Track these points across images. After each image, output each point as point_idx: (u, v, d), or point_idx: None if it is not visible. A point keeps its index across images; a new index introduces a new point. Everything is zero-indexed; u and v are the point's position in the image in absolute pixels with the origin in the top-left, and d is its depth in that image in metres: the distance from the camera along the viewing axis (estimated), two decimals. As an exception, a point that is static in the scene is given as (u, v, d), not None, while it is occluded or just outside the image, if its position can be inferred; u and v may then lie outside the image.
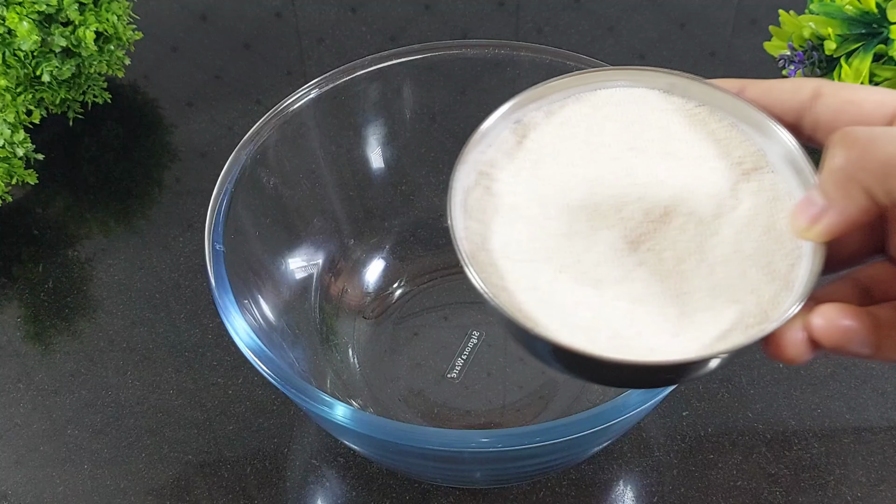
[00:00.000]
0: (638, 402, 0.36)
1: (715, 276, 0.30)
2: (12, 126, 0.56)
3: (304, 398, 0.37)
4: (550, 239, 0.31)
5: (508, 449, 0.36)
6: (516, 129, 0.33)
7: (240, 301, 0.40)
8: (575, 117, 0.33)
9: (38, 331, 0.55)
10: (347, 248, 0.53)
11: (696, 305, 0.29)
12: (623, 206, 0.31)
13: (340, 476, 0.48)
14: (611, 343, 0.29)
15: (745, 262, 0.30)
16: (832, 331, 0.26)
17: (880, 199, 0.26)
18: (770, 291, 0.29)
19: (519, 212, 0.31)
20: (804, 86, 0.29)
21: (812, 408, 0.50)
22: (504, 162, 0.33)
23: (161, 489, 0.48)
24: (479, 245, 0.31)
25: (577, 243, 0.31)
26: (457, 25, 0.73)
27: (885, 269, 0.29)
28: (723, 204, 0.31)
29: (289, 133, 0.48)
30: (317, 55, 0.72)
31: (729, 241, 0.30)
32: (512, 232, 0.31)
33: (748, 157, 0.32)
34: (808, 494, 0.47)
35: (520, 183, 0.32)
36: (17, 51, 0.57)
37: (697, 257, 0.30)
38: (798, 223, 0.29)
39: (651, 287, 0.30)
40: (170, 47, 0.72)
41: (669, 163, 0.32)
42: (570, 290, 0.30)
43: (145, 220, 0.61)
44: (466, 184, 0.32)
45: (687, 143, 0.32)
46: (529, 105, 0.33)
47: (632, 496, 0.47)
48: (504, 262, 0.31)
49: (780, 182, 0.31)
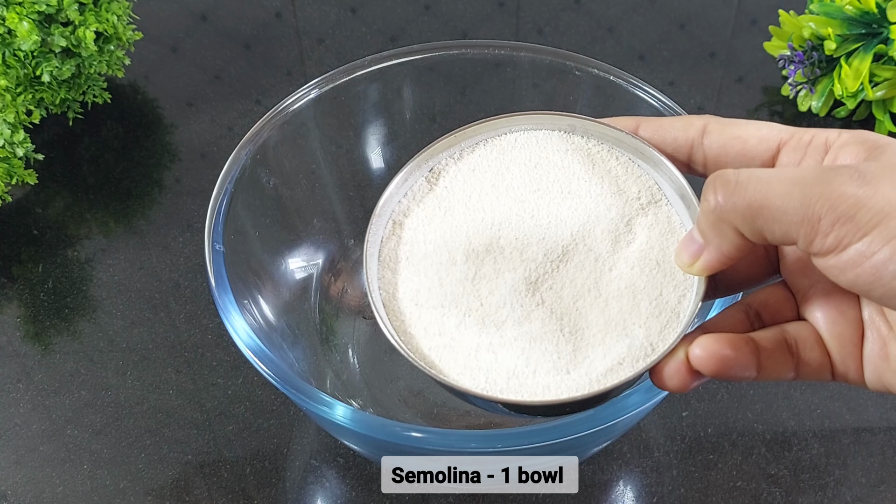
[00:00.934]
0: (637, 403, 0.36)
1: (609, 311, 0.32)
2: (12, 126, 0.56)
3: (304, 398, 0.37)
4: (457, 284, 0.33)
5: (508, 450, 0.36)
6: (429, 177, 0.36)
7: (240, 301, 0.40)
8: (483, 162, 0.35)
9: (38, 331, 0.55)
10: (347, 249, 0.53)
11: (590, 341, 0.32)
12: (526, 247, 0.33)
13: (340, 476, 0.48)
14: (509, 384, 0.31)
15: (637, 295, 0.32)
16: (710, 360, 0.28)
17: (750, 238, 0.27)
18: (659, 324, 0.31)
19: (429, 260, 0.34)
20: (693, 123, 0.31)
21: (812, 408, 0.50)
22: (417, 210, 0.35)
23: (161, 489, 0.48)
24: (392, 294, 0.34)
25: (481, 287, 0.33)
26: (457, 26, 0.73)
27: (775, 293, 0.31)
28: (619, 239, 0.33)
29: (289, 133, 0.48)
30: (317, 55, 0.72)
31: (624, 276, 0.32)
32: (422, 280, 0.34)
33: (644, 191, 0.34)
34: (807, 495, 0.47)
35: (431, 231, 0.34)
36: (17, 51, 0.57)
37: (594, 293, 0.32)
38: (681, 259, 0.31)
39: (549, 325, 0.32)
40: (170, 47, 0.72)
41: (570, 202, 0.34)
42: (475, 333, 0.32)
43: (145, 221, 0.61)
44: (382, 235, 0.35)
45: (587, 181, 0.34)
46: (443, 153, 0.36)
47: (632, 497, 0.47)
48: (414, 310, 0.33)
49: (674, 214, 0.33)
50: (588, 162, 0.34)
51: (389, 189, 0.35)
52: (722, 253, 0.29)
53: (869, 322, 0.29)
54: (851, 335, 0.29)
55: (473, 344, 0.32)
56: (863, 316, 0.29)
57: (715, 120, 0.31)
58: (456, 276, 0.33)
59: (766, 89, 0.68)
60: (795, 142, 0.30)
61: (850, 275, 0.26)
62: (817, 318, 0.30)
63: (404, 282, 0.34)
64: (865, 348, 0.29)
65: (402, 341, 0.33)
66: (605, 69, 0.47)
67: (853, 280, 0.26)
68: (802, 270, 0.30)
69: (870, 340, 0.29)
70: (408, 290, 0.34)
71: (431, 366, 0.32)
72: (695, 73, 0.69)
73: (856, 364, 0.29)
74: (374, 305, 0.33)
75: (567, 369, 0.31)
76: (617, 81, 0.47)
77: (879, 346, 0.29)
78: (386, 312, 0.33)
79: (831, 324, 0.29)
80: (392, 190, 0.35)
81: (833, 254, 0.25)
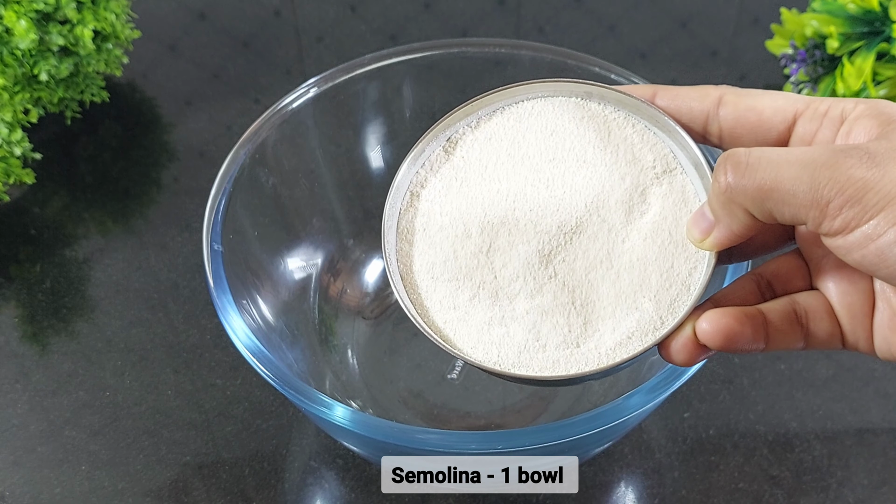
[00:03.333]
0: (638, 404, 0.36)
1: (620, 283, 0.32)
2: (10, 125, 0.56)
3: (303, 399, 0.37)
4: (472, 257, 0.33)
5: (508, 451, 0.36)
6: (446, 147, 0.36)
7: (238, 301, 0.40)
8: (500, 131, 0.35)
9: (36, 331, 0.55)
10: (347, 249, 0.53)
11: (601, 314, 0.32)
12: (540, 219, 0.33)
13: (339, 477, 0.48)
14: (520, 358, 0.32)
15: (648, 267, 0.32)
16: (716, 335, 0.29)
17: (759, 218, 0.28)
18: (669, 297, 0.32)
19: (444, 232, 0.34)
20: (709, 93, 0.31)
21: (814, 409, 0.50)
22: (433, 181, 0.35)
23: (159, 490, 0.47)
24: (408, 266, 0.34)
25: (495, 260, 0.33)
26: (457, 24, 0.73)
27: (787, 263, 0.31)
28: (633, 210, 0.33)
29: (288, 132, 0.48)
30: (316, 54, 0.72)
31: (636, 248, 0.32)
32: (437, 252, 0.34)
33: (660, 160, 0.33)
34: (809, 497, 0.46)
35: (447, 202, 0.35)
36: (14, 50, 0.57)
37: (606, 265, 0.32)
38: (692, 235, 0.31)
39: (560, 298, 0.32)
40: (168, 46, 0.72)
41: (585, 171, 0.34)
42: (487, 306, 0.33)
43: (143, 220, 0.61)
44: (400, 207, 0.35)
45: (602, 149, 0.34)
46: (460, 122, 0.36)
47: (632, 498, 0.47)
48: (430, 283, 0.34)
49: (688, 184, 0.33)
50: (604, 130, 0.34)
51: (407, 160, 0.35)
52: (732, 231, 0.29)
53: (880, 293, 0.29)
54: (862, 305, 0.29)
55: (486, 318, 0.33)
56: (874, 287, 0.29)
57: (731, 91, 0.31)
58: (470, 248, 0.33)
59: (769, 88, 0.68)
60: (811, 112, 0.29)
61: (856, 255, 0.26)
62: (829, 287, 0.30)
63: (420, 254, 0.34)
64: (876, 318, 0.29)
65: (418, 315, 0.33)
66: (606, 67, 0.47)
67: (859, 260, 0.26)
68: (816, 241, 0.30)
69: (880, 310, 0.29)
70: (423, 262, 0.34)
71: (446, 340, 0.33)
72: (696, 72, 0.68)
73: (866, 334, 0.29)
74: (392, 279, 0.34)
75: (577, 342, 0.32)
76: (618, 80, 0.46)
77: (889, 317, 0.29)
78: (403, 286, 0.34)
79: (842, 294, 0.30)
80: (410, 161, 0.35)
81: (840, 235, 0.26)
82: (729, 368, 0.51)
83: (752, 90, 0.31)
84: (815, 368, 0.51)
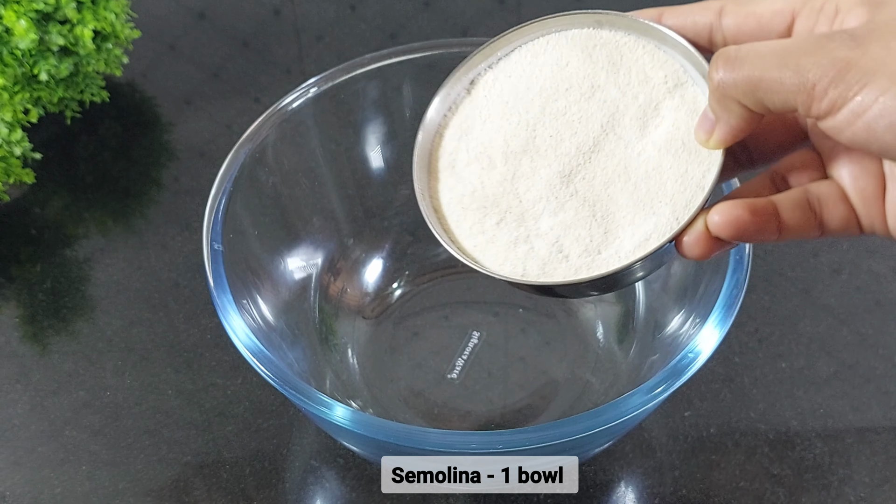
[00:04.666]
0: (638, 404, 0.36)
1: (638, 193, 0.34)
2: (10, 125, 0.56)
3: (304, 399, 0.37)
4: (497, 185, 0.36)
5: (508, 451, 0.36)
6: (469, 88, 0.38)
7: (238, 301, 0.40)
8: (518, 68, 0.38)
9: (36, 331, 0.55)
10: (347, 248, 0.53)
11: (620, 222, 0.34)
12: (559, 143, 0.35)
13: (340, 477, 0.48)
14: (544, 269, 0.34)
15: (664, 175, 0.34)
16: (728, 225, 0.30)
17: (754, 109, 0.29)
18: (684, 199, 0.33)
19: (471, 167, 0.37)
20: (711, 6, 0.32)
21: (815, 408, 0.50)
22: (457, 120, 0.38)
23: (159, 490, 0.47)
24: (438, 200, 0.37)
25: (519, 185, 0.36)
26: (457, 23, 0.73)
27: (801, 156, 0.32)
28: (647, 124, 0.35)
29: (288, 132, 0.48)
30: (316, 53, 0.72)
31: (652, 159, 0.34)
32: (465, 185, 0.37)
33: (671, 75, 0.35)
34: (810, 495, 0.46)
35: (472, 139, 0.37)
36: (14, 49, 0.57)
37: (624, 178, 0.35)
38: (699, 136, 0.33)
39: (581, 213, 0.35)
40: (168, 45, 0.72)
41: (600, 94, 0.36)
42: (513, 228, 0.35)
43: (143, 220, 0.61)
44: (428, 147, 0.38)
45: (616, 73, 0.36)
46: (481, 63, 0.38)
47: (633, 497, 0.47)
48: (459, 213, 0.36)
49: (699, 94, 0.34)
50: (616, 55, 0.36)
51: (434, 102, 0.38)
52: (732, 126, 0.30)
53: (889, 175, 0.30)
54: (874, 188, 0.30)
55: (512, 238, 0.35)
56: (884, 169, 0.30)
57: (731, 0, 0.32)
58: (496, 178, 0.36)
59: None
60: (808, 10, 0.30)
61: (847, 133, 0.27)
62: (842, 174, 0.31)
63: (449, 189, 0.37)
64: (887, 199, 0.30)
65: (448, 241, 0.36)
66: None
67: (851, 138, 0.27)
68: (825, 132, 0.31)
69: (891, 192, 0.30)
70: (453, 195, 0.37)
71: (474, 262, 0.35)
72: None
73: (880, 216, 0.30)
74: (425, 212, 0.36)
75: (598, 250, 0.34)
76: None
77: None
78: (436, 217, 0.37)
79: (854, 179, 0.30)
80: (437, 103, 0.38)
81: (830, 116, 0.27)
82: (730, 367, 0.51)
83: None
84: (816, 366, 0.51)
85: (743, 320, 0.53)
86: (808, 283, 0.55)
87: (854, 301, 0.54)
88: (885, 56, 0.26)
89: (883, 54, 0.26)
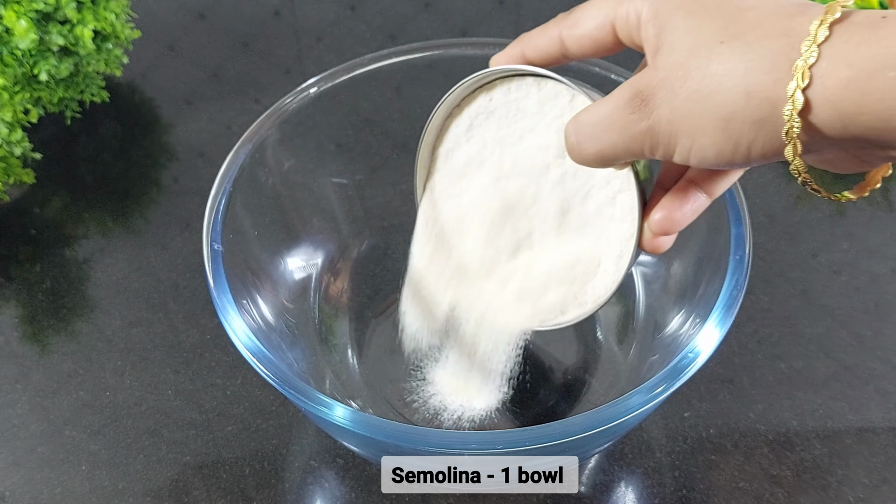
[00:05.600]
0: (638, 404, 0.36)
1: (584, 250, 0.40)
2: (10, 125, 0.56)
3: (303, 399, 0.37)
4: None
5: (508, 451, 0.36)
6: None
7: (238, 301, 0.40)
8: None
9: (36, 331, 0.55)
10: (347, 248, 0.53)
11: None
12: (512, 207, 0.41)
13: (339, 477, 0.48)
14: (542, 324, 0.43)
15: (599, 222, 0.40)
16: (667, 220, 0.35)
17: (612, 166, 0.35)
18: (626, 227, 0.38)
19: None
20: (551, 36, 0.35)
21: (814, 408, 0.50)
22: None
23: (159, 490, 0.47)
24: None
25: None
26: (457, 23, 0.73)
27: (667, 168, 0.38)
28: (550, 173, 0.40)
29: (288, 132, 0.48)
30: (316, 53, 0.72)
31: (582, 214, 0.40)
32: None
33: (555, 120, 0.39)
34: (810, 495, 0.46)
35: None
36: (14, 49, 0.57)
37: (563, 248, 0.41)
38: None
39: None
40: (168, 46, 0.72)
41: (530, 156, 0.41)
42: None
43: (143, 220, 0.61)
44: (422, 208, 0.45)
45: (532, 133, 0.40)
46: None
47: (633, 497, 0.47)
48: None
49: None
50: (514, 109, 0.40)
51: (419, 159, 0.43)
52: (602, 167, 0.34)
53: None
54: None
55: None
56: None
57: (564, 27, 0.34)
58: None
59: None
60: (621, 21, 0.32)
61: (692, 163, 0.31)
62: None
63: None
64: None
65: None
66: (605, 67, 0.47)
67: (696, 166, 0.31)
68: None
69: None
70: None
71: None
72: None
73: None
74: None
75: (578, 301, 0.41)
76: (618, 80, 0.46)
77: None
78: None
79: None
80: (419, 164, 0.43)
81: (674, 160, 0.31)
82: (729, 368, 0.51)
83: (578, 16, 0.34)
84: (816, 367, 0.51)
85: (742, 321, 0.53)
86: (807, 284, 0.55)
87: (853, 302, 0.54)
88: (673, 117, 0.29)
89: (671, 117, 0.29)
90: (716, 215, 0.42)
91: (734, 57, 0.28)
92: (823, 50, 0.26)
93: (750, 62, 0.27)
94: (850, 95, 0.26)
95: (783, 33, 0.27)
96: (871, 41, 0.26)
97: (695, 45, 0.29)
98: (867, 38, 0.26)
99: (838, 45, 0.26)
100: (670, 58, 0.29)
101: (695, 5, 0.30)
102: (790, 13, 0.28)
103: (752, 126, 0.28)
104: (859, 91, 0.26)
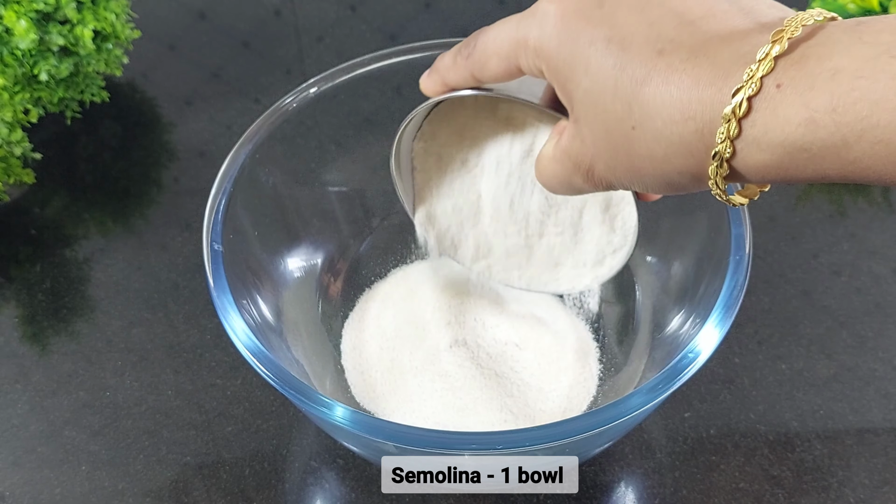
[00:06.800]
0: (638, 404, 0.36)
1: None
2: (10, 125, 0.56)
3: (303, 399, 0.37)
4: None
5: (508, 451, 0.36)
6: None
7: (238, 301, 0.40)
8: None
9: (36, 331, 0.55)
10: (347, 248, 0.53)
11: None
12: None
13: (340, 478, 0.48)
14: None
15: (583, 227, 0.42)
16: None
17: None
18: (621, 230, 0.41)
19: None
20: (470, 75, 0.36)
21: (815, 409, 0.50)
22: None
23: (159, 491, 0.47)
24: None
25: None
26: (457, 23, 0.73)
27: None
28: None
29: (288, 132, 0.48)
30: (316, 54, 0.72)
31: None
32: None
33: (518, 141, 0.40)
34: (810, 496, 0.46)
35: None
36: (14, 49, 0.57)
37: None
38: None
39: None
40: (168, 46, 0.72)
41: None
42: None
43: (143, 220, 0.60)
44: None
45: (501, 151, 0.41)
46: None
47: (633, 498, 0.47)
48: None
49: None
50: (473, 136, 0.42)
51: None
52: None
53: None
54: None
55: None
56: None
57: (474, 68, 0.35)
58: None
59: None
60: (520, 52, 0.32)
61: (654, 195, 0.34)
62: None
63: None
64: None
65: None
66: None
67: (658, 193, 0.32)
68: None
69: None
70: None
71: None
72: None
73: None
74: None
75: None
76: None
77: None
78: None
79: None
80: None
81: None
82: (729, 368, 0.51)
83: (482, 59, 0.34)
84: (816, 368, 0.51)
85: (743, 321, 0.53)
86: (808, 284, 0.55)
87: (854, 303, 0.54)
88: (620, 181, 0.30)
89: (618, 181, 0.30)
90: (716, 216, 0.42)
91: (652, 143, 0.27)
92: (744, 129, 0.25)
93: (668, 149, 0.27)
94: (772, 174, 0.26)
95: (689, 117, 0.26)
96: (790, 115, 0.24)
97: (606, 130, 0.29)
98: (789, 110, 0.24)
99: (760, 122, 0.25)
100: (591, 133, 0.30)
101: (595, 63, 0.28)
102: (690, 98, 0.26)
103: (693, 183, 0.29)
104: (782, 170, 0.25)
